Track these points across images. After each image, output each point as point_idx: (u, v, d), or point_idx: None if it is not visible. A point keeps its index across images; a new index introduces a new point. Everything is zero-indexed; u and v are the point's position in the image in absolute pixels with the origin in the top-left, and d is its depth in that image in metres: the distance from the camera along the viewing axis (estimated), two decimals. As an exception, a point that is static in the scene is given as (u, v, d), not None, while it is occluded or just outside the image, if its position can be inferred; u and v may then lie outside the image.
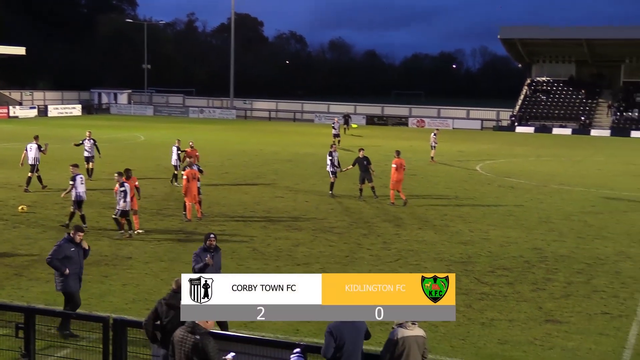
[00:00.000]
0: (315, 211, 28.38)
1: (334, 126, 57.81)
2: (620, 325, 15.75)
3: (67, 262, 14.42)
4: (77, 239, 14.59)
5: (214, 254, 14.54)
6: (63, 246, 14.49)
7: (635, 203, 32.30)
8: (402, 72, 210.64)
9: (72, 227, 15.34)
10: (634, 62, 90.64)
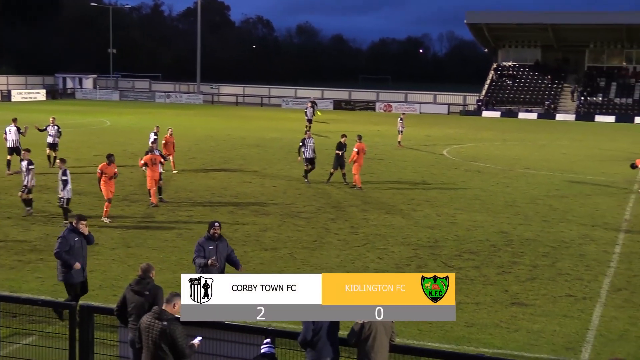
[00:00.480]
0: (283, 196, 28.36)
1: (306, 112, 57.42)
2: (584, 308, 15.95)
3: (71, 252, 14.13)
4: (80, 228, 14.33)
5: (218, 243, 14.09)
6: (67, 237, 14.20)
7: (599, 187, 32.68)
8: (370, 56, 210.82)
9: (74, 216, 14.97)
10: (598, 47, 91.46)
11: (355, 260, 19.28)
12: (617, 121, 78.39)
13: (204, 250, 13.93)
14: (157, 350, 9.53)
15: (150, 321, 9.64)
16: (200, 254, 13.92)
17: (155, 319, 9.60)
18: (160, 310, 9.69)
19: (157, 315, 9.61)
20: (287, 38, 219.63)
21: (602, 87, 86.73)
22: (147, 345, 9.64)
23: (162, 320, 9.55)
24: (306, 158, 31.08)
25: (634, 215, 26.24)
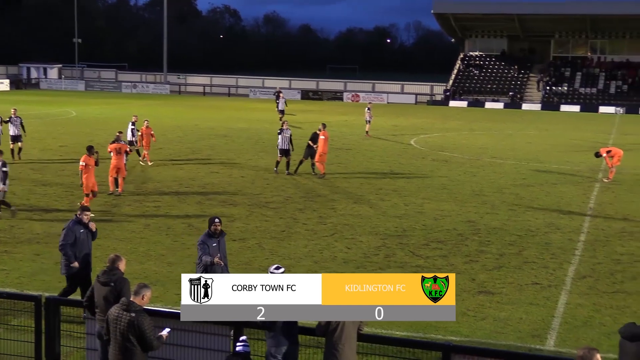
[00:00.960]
0: (251, 186, 28.31)
1: (278, 103, 57.01)
2: (550, 295, 16.13)
3: (77, 244, 13.91)
4: (85, 219, 14.13)
5: (220, 239, 13.80)
6: (72, 229, 13.98)
7: (564, 175, 33.01)
8: (337, 46, 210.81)
9: (79, 207, 14.67)
10: (563, 37, 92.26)
11: (323, 250, 19.31)
12: (582, 110, 79.12)
13: (208, 248, 13.59)
14: (125, 342, 9.48)
15: (118, 313, 9.59)
16: (205, 251, 13.57)
17: (123, 310, 9.55)
18: (129, 301, 9.63)
19: (125, 307, 9.56)
20: (254, 28, 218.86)
21: (567, 77, 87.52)
22: (115, 337, 9.59)
23: (130, 311, 9.50)
24: (280, 149, 30.89)
25: (599, 204, 26.56)
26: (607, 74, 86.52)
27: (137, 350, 9.52)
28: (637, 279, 17.47)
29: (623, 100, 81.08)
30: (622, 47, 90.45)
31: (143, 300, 9.68)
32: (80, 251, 13.96)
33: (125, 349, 9.51)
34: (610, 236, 21.67)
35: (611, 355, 12.78)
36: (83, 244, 14.00)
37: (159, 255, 18.59)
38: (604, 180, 31.38)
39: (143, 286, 9.80)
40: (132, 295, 9.79)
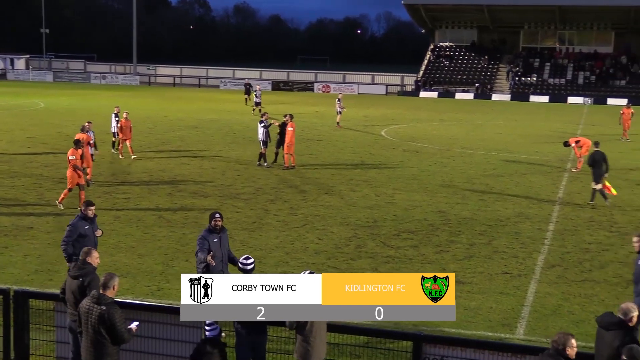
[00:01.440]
0: (221, 178, 28.22)
1: (256, 94, 56.41)
2: (520, 284, 16.26)
3: (82, 240, 13.62)
4: (89, 214, 13.88)
5: (221, 235, 13.33)
6: (77, 225, 13.71)
7: (533, 165, 33.26)
8: (308, 37, 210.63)
9: (83, 202, 14.38)
10: (532, 28, 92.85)
11: (294, 241, 19.31)
12: (550, 101, 79.79)
13: (208, 244, 13.11)
14: (96, 335, 9.46)
15: (89, 306, 9.55)
16: (204, 247, 13.06)
17: (94, 303, 9.51)
18: (99, 294, 9.59)
19: (96, 300, 9.53)
20: (224, 18, 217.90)
21: (536, 68, 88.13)
22: (87, 330, 9.56)
23: (100, 304, 9.47)
24: (262, 141, 30.73)
25: (567, 193, 26.80)
26: (575, 64, 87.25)
27: (108, 343, 9.49)
28: (605, 267, 17.67)
29: (591, 91, 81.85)
30: (589, 38, 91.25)
31: (113, 291, 9.67)
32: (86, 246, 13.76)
33: (97, 342, 9.48)
34: (579, 225, 21.88)
35: (580, 344, 12.91)
36: (89, 240, 13.76)
37: (129, 247, 18.48)
38: (572, 170, 31.66)
39: (111, 277, 9.76)
40: (101, 288, 9.71)
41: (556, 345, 8.55)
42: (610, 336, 9.20)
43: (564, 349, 8.49)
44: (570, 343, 8.52)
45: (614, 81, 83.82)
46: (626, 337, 9.06)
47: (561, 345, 8.51)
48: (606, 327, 9.33)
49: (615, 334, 9.16)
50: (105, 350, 9.50)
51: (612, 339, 9.14)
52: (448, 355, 9.86)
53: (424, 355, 9.91)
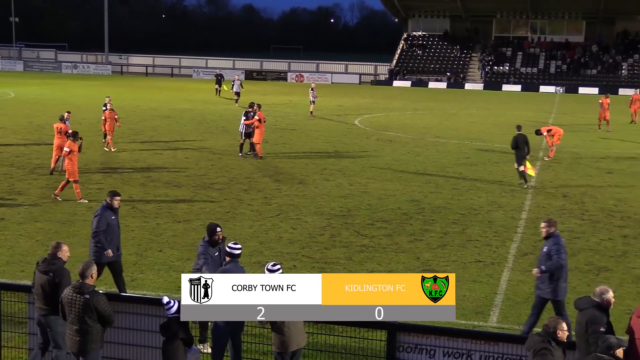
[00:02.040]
0: (195, 167, 28.12)
1: (233, 85, 55.83)
2: (493, 273, 16.38)
3: (108, 231, 13.53)
4: (115, 204, 13.75)
5: (220, 246, 12.51)
6: (104, 215, 13.57)
7: (506, 154, 33.39)
8: (281, 26, 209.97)
9: (108, 192, 14.16)
10: (504, 17, 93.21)
11: (269, 231, 19.30)
12: (523, 90, 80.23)
13: (211, 258, 12.26)
14: (81, 324, 9.68)
15: (72, 296, 9.71)
16: (208, 263, 12.07)
17: (76, 293, 9.69)
18: (80, 283, 9.76)
19: (78, 290, 9.71)
20: (196, 8, 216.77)
21: (508, 57, 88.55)
22: (72, 319, 9.74)
23: (83, 294, 9.66)
24: (245, 132, 30.61)
25: (540, 182, 27.00)
26: (547, 54, 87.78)
27: (93, 330, 9.75)
28: (577, 255, 17.84)
29: (563, 80, 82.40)
30: (561, 27, 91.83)
31: (92, 279, 9.87)
32: (112, 238, 13.65)
33: (83, 330, 9.71)
34: (551, 214, 22.04)
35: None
36: (114, 230, 13.69)
37: (102, 238, 18.33)
38: (544, 159, 31.90)
39: (87, 266, 9.91)
40: (80, 277, 9.85)
41: (547, 328, 8.79)
42: (579, 316, 9.56)
43: (554, 332, 8.73)
44: (561, 326, 8.75)
45: (586, 70, 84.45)
46: (596, 314, 9.41)
47: (552, 328, 8.76)
48: (579, 308, 9.64)
49: (585, 312, 9.50)
50: (90, 337, 9.75)
51: (581, 319, 9.49)
52: (422, 344, 9.92)
53: (399, 344, 9.97)
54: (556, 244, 12.66)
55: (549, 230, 12.77)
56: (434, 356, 9.90)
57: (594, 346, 9.07)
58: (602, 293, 9.59)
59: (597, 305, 9.53)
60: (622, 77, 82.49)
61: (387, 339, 10.00)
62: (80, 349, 9.81)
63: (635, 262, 17.36)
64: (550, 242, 12.73)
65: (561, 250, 12.64)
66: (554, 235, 12.76)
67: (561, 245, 12.74)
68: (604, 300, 9.55)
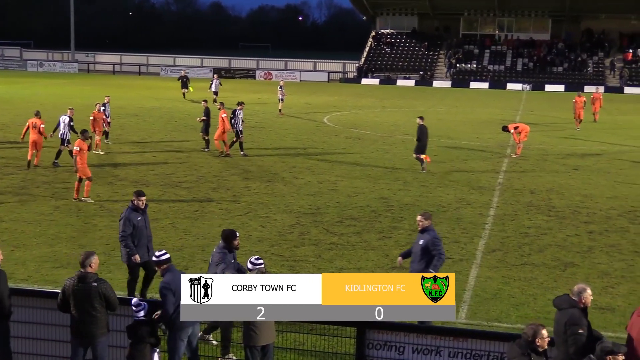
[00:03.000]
0: (163, 166, 27.98)
1: (211, 84, 55.25)
2: (461, 269, 16.48)
3: (135, 233, 13.39)
4: (140, 205, 13.58)
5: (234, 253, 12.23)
6: (130, 217, 13.42)
7: (474, 151, 33.67)
8: (249, 24, 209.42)
9: (134, 192, 14.04)
10: (472, 15, 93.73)
11: (237, 229, 19.13)
12: (490, 87, 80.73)
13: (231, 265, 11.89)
14: (91, 311, 9.96)
15: (76, 286, 9.97)
16: (229, 267, 11.67)
17: (81, 282, 9.97)
18: (85, 273, 10.01)
19: (82, 279, 9.98)
20: (164, 5, 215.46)
21: (476, 55, 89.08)
22: (78, 307, 9.97)
23: (89, 282, 9.95)
24: (239, 130, 30.51)
25: (507, 179, 27.21)
26: (514, 51, 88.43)
27: (102, 316, 10.07)
28: (544, 251, 18.01)
29: (529, 78, 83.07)
30: (527, 25, 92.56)
31: (92, 268, 10.12)
32: (139, 239, 13.52)
33: (91, 316, 9.99)
34: (518, 210, 22.25)
35: (519, 326, 13.17)
36: (141, 232, 13.55)
37: (70, 238, 18.22)
38: (512, 156, 32.14)
39: (87, 255, 10.18)
40: (81, 267, 10.11)
41: (526, 336, 8.56)
42: (558, 315, 9.42)
43: (533, 341, 8.51)
44: (540, 334, 8.52)
45: (552, 68, 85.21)
46: (574, 315, 9.25)
47: (530, 337, 8.52)
48: (558, 306, 9.53)
49: (564, 312, 9.36)
50: (98, 322, 10.06)
51: (559, 318, 9.35)
52: (391, 341, 9.96)
53: (368, 341, 10.00)
54: (435, 237, 12.74)
55: (425, 223, 12.70)
56: (403, 353, 9.94)
57: (572, 347, 9.01)
58: (580, 292, 9.42)
59: (576, 305, 9.36)
60: (588, 74, 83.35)
61: (356, 336, 10.03)
62: (91, 335, 10.06)
63: (601, 258, 17.57)
64: (427, 236, 12.65)
65: (441, 245, 12.75)
66: (429, 229, 12.73)
67: (440, 239, 12.87)
68: (581, 299, 9.40)
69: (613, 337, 12.40)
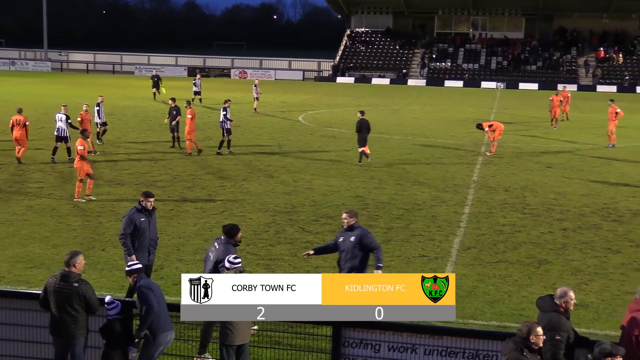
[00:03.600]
0: (137, 165, 27.84)
1: (195, 83, 54.66)
2: (436, 267, 16.54)
3: (137, 234, 13.10)
4: (148, 206, 13.28)
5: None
6: (132, 217, 13.11)
7: (449, 150, 33.81)
8: (224, 22, 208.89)
9: (142, 193, 13.73)
10: (446, 14, 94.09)
11: (213, 228, 19.19)
12: (465, 86, 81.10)
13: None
14: (70, 310, 9.87)
15: (58, 285, 9.90)
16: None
17: (63, 282, 9.88)
18: (67, 272, 9.94)
19: (65, 278, 9.90)
20: (138, 4, 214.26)
21: (450, 53, 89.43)
22: (59, 307, 9.89)
23: (71, 282, 9.86)
24: (226, 129, 30.71)
25: (482, 177, 27.35)
26: (488, 50, 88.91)
27: (80, 317, 9.96)
28: (518, 248, 18.13)
29: (503, 76, 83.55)
30: (501, 24, 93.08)
31: (77, 268, 10.05)
32: (141, 240, 13.22)
33: (70, 316, 9.91)
34: (493, 208, 22.37)
35: (494, 323, 13.25)
36: (143, 233, 13.23)
37: (43, 238, 18.08)
38: (486, 154, 32.30)
39: (72, 255, 10.11)
40: (66, 266, 10.04)
41: (520, 333, 8.54)
42: (542, 317, 9.34)
43: (527, 338, 8.47)
44: (535, 331, 8.48)
45: (526, 66, 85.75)
46: (552, 319, 9.19)
47: (525, 333, 8.48)
48: (540, 308, 9.51)
49: (544, 315, 9.33)
50: (78, 323, 9.96)
51: (540, 320, 9.26)
52: (367, 339, 9.98)
53: (344, 339, 10.01)
54: (367, 232, 12.68)
55: (350, 221, 12.59)
56: (379, 351, 9.96)
57: (548, 353, 8.96)
58: (561, 296, 9.34)
59: (556, 309, 9.32)
60: (561, 73, 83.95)
61: (332, 335, 10.03)
62: (70, 335, 9.97)
63: (574, 255, 17.71)
64: (357, 232, 12.50)
65: (374, 237, 12.69)
66: (356, 226, 12.61)
67: (370, 232, 12.85)
68: (562, 303, 9.32)
69: (587, 333, 12.51)
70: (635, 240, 19.13)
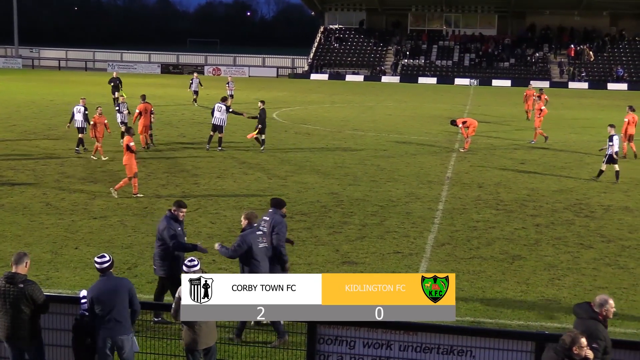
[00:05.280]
0: (111, 163, 27.67)
1: (191, 83, 54.06)
2: (411, 263, 16.61)
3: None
4: (180, 216, 13.01)
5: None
6: (171, 226, 12.77)
7: (423, 146, 33.92)
8: (197, 19, 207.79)
9: (174, 202, 13.43)
10: (419, 11, 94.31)
11: (187, 226, 19.03)
12: (438, 83, 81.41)
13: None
14: (17, 313, 9.72)
15: (4, 286, 9.71)
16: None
17: (9, 283, 9.70)
18: (13, 273, 9.76)
19: (11, 280, 9.72)
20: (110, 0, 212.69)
21: (424, 50, 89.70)
22: (6, 309, 9.73)
23: (17, 283, 9.68)
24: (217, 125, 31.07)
25: (456, 173, 27.47)
26: (461, 47, 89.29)
27: (27, 318, 9.78)
28: (492, 244, 18.24)
29: (477, 73, 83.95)
30: (474, 21, 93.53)
31: (26, 268, 9.87)
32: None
33: (18, 318, 9.74)
34: (467, 204, 22.48)
35: (468, 319, 13.33)
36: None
37: (15, 236, 17.92)
38: (460, 150, 32.45)
39: (22, 255, 9.93)
40: (13, 265, 9.85)
41: (563, 343, 8.37)
42: (579, 324, 9.22)
43: (570, 349, 8.31)
44: (578, 343, 8.29)
45: (499, 63, 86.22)
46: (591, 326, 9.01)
47: (568, 344, 8.32)
48: (577, 314, 9.40)
49: (581, 322, 9.20)
50: (24, 325, 9.78)
51: (577, 326, 9.16)
52: (342, 336, 9.99)
53: (319, 336, 10.02)
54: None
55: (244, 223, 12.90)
56: (354, 347, 9.98)
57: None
58: (602, 304, 9.19)
59: (595, 317, 9.14)
60: (533, 69, 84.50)
61: (307, 332, 10.04)
62: (20, 338, 9.83)
63: (547, 250, 17.86)
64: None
65: (237, 242, 12.78)
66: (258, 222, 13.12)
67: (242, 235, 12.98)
68: (602, 311, 9.16)
69: (560, 328, 12.64)
70: (607, 235, 19.33)
